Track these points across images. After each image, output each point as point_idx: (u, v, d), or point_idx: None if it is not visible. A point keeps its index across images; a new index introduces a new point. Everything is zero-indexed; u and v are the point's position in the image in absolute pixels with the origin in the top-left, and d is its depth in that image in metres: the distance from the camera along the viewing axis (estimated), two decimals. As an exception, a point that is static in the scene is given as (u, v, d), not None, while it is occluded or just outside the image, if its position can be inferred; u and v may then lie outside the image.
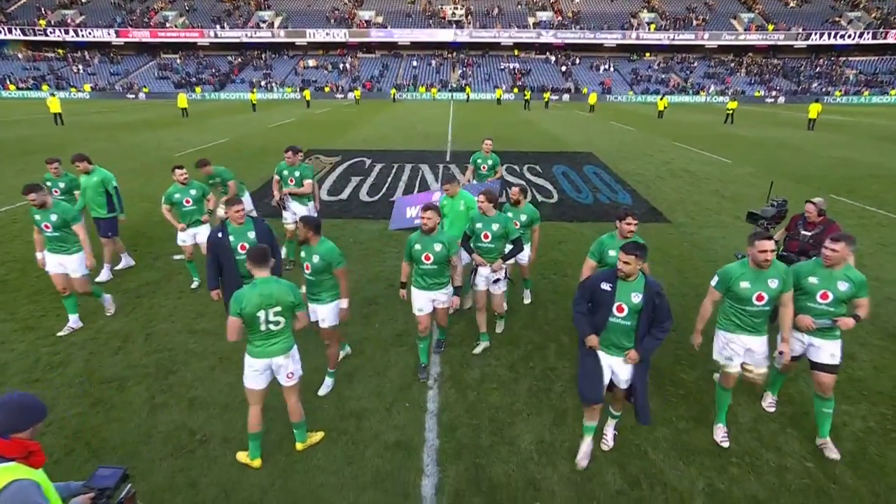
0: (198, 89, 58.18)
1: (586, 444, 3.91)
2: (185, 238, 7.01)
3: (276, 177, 8.22)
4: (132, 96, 57.51)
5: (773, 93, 56.68)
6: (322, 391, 4.82)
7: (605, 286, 3.57)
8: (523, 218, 5.93)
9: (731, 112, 32.36)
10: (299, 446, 4.14)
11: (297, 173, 7.70)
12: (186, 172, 6.81)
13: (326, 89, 59.53)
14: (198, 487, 3.82)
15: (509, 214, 5.80)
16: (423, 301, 4.85)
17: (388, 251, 8.65)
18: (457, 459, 4.11)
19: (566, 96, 57.28)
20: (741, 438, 4.33)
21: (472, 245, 5.26)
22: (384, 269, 7.78)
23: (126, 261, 7.83)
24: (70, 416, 4.54)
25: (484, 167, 8.56)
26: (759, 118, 36.62)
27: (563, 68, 63.50)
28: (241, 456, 4.06)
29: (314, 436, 4.17)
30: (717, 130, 27.60)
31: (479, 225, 5.14)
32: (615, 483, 3.85)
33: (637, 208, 11.74)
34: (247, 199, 8.10)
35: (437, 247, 4.71)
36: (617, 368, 3.73)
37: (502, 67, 63.82)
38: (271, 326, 3.78)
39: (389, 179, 14.42)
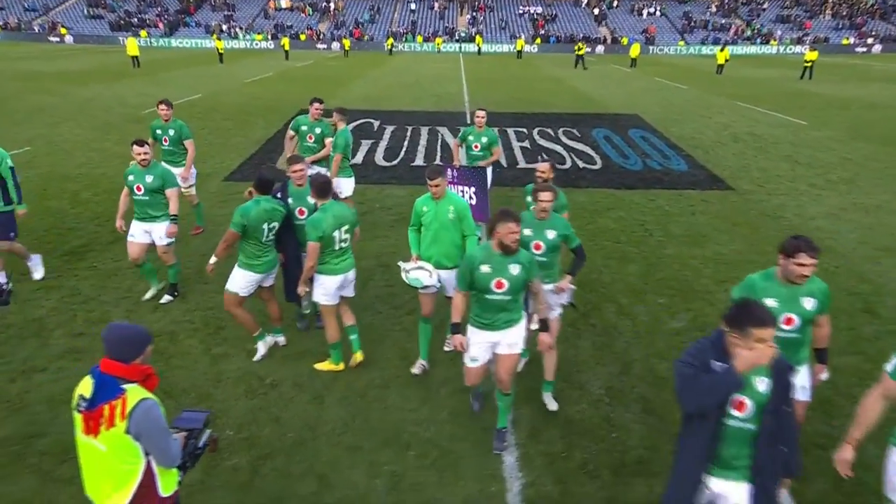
0: (143, 33, 58.42)
1: None
2: (134, 234, 6.65)
3: (291, 132, 9.30)
4: (55, 39, 57.44)
5: (867, 40, 55.82)
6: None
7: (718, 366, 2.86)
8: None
9: (809, 65, 32.19)
10: (359, 356, 5.67)
11: (317, 130, 8.73)
12: (148, 152, 6.48)
13: (303, 37, 60.16)
14: (281, 422, 4.96)
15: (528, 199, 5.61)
16: (482, 347, 4.36)
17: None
18: (529, 400, 5.25)
19: (600, 48, 57.87)
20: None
21: None
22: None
23: (36, 268, 7.44)
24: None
25: (476, 146, 8.36)
26: (846, 72, 37.43)
27: (596, 11, 63.80)
28: (323, 365, 5.65)
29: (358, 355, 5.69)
30: (790, 87, 28.67)
31: (528, 232, 4.73)
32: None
33: (694, 175, 12.88)
34: (188, 171, 8.78)
35: (515, 269, 4.14)
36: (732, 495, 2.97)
37: (521, 12, 64.30)
38: (343, 244, 5.27)
39: (406, 143, 15.53)
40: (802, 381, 3.92)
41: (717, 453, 2.92)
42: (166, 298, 6.95)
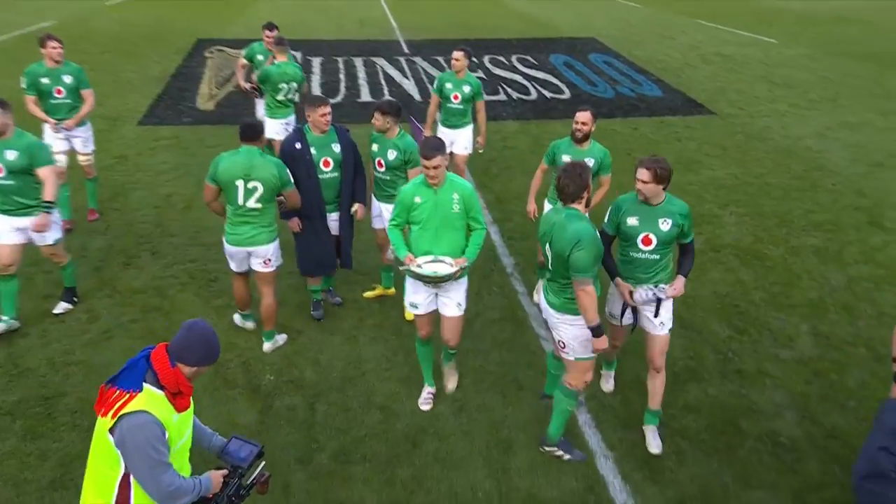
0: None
1: None
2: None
3: (244, 60, 9.52)
4: None
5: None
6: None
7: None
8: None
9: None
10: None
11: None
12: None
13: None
14: (322, 363, 5.60)
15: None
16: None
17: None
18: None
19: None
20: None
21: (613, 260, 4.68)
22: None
23: None
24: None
25: (456, 97, 7.87)
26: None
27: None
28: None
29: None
30: (755, 3, 30.81)
31: (632, 221, 4.50)
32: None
33: (671, 101, 14.14)
34: (86, 131, 7.78)
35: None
36: None
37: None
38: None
39: (343, 77, 15.81)
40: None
41: None
42: (63, 307, 6.25)
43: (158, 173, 9.58)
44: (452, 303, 4.88)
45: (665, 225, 4.47)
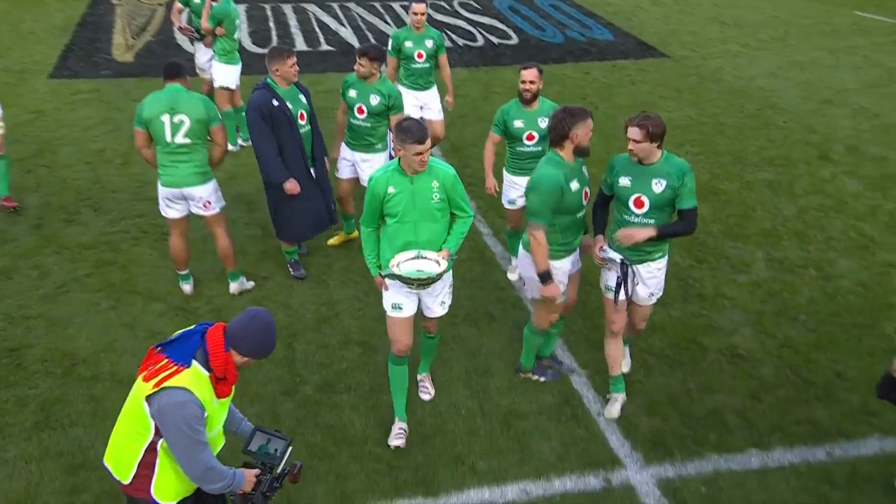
0: None
1: None
2: None
3: (179, 4, 9.75)
4: None
5: None
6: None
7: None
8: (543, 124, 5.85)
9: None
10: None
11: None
12: None
13: None
14: (293, 307, 6.15)
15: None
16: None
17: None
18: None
19: None
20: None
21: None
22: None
23: None
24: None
25: (420, 55, 7.84)
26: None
27: None
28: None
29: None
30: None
31: (624, 182, 4.57)
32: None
33: (622, 44, 14.98)
34: None
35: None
36: None
37: None
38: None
39: (273, 25, 15.99)
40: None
41: None
42: None
43: (85, 129, 9.78)
44: (436, 302, 4.72)
45: (658, 186, 4.46)
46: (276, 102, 5.94)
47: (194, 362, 2.95)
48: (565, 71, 13.24)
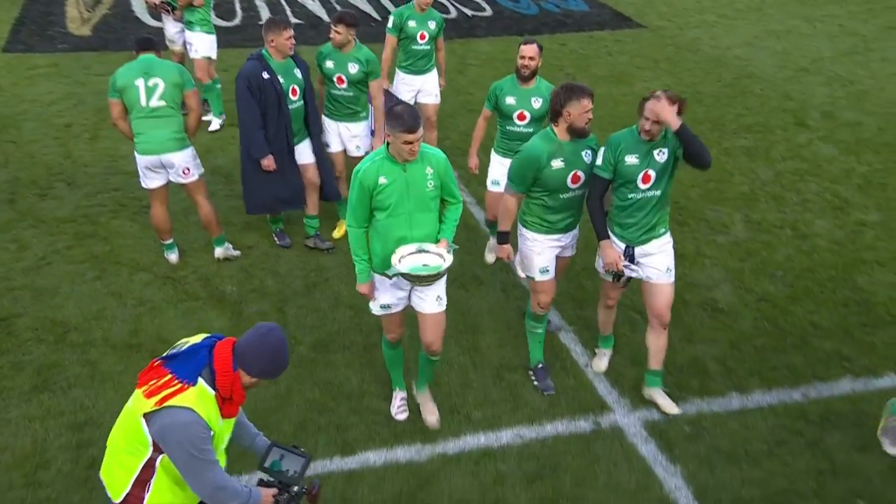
0: None
1: None
2: None
3: None
4: None
5: None
6: None
7: None
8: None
9: None
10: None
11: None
12: None
13: None
14: (282, 273, 6.55)
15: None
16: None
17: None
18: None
19: None
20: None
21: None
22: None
23: None
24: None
25: (423, 36, 7.80)
26: None
27: None
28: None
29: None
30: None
31: (632, 160, 4.66)
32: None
33: (598, 16, 15.48)
34: None
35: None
36: None
37: None
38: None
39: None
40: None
41: None
42: None
43: (48, 104, 9.99)
44: (431, 297, 4.65)
45: (661, 156, 4.66)
46: (266, 75, 6.15)
47: (200, 380, 2.90)
48: (541, 42, 13.65)
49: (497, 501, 4.45)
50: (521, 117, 6.07)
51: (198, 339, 3.09)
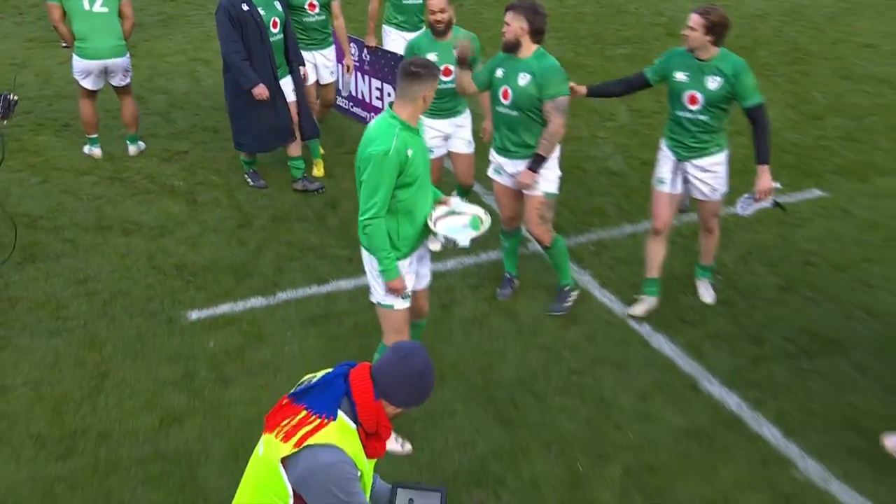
0: None
1: None
2: None
3: None
4: None
5: None
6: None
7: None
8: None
9: None
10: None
11: None
12: None
13: None
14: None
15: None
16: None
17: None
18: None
19: None
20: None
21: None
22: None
23: None
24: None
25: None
26: None
27: None
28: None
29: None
30: None
31: (680, 76, 5.71)
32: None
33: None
34: None
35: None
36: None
37: None
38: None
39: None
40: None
41: None
42: None
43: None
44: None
45: (713, 83, 5.49)
46: (245, 7, 7.14)
47: (340, 413, 2.94)
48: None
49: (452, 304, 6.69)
50: (447, 72, 6.46)
51: (326, 370, 3.15)
